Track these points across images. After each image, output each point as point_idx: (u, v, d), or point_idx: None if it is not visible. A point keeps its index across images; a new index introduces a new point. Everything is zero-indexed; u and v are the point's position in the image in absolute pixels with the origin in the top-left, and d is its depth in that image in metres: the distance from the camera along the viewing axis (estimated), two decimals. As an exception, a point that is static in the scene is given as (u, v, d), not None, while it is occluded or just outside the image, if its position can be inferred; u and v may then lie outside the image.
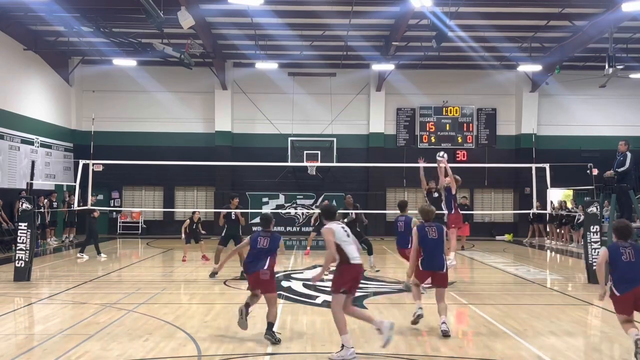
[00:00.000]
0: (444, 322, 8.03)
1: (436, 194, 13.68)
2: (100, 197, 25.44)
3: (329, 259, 7.20)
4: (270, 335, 7.61)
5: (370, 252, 14.55)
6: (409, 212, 12.13)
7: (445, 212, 12.18)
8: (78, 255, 17.17)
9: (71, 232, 22.46)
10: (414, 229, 8.77)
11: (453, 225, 12.07)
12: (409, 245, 9.89)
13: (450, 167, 12.49)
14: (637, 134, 25.99)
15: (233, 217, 13.84)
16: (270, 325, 7.69)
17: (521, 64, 24.21)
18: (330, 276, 7.60)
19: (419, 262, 8.54)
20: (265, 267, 7.83)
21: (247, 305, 8.04)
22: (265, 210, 25.32)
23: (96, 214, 17.74)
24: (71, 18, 20.27)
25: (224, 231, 13.78)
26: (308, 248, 18.70)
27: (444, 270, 8.50)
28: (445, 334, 7.93)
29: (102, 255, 17.34)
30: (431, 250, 8.48)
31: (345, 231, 7.28)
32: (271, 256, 7.96)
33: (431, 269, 8.51)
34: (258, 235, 8.10)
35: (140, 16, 18.11)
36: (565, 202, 24.15)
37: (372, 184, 26.91)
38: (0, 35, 21.08)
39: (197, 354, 7.19)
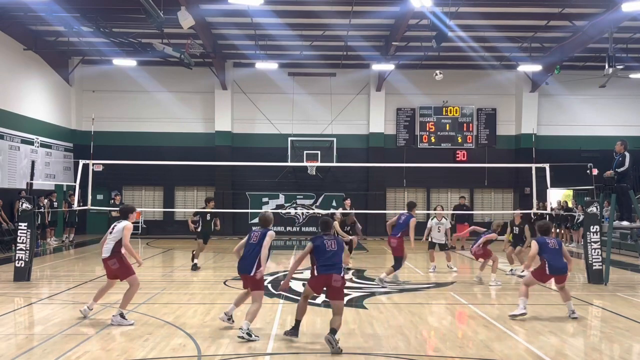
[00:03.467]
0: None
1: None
2: (100, 197, 25.47)
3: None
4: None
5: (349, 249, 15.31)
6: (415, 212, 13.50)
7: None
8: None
9: (71, 232, 22.46)
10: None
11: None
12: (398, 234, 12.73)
13: (450, 167, 12.79)
14: (637, 134, 26.01)
15: (208, 217, 15.34)
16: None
17: (521, 64, 24.21)
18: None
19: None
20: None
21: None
22: (266, 210, 25.35)
23: (114, 214, 18.03)
24: (71, 18, 20.28)
25: (200, 228, 15.25)
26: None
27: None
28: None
29: None
30: None
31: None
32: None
33: None
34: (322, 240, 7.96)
35: (140, 16, 18.12)
36: (566, 202, 24.14)
37: (372, 184, 26.91)
38: (0, 35, 21.08)
39: (197, 354, 7.19)
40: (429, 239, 15.49)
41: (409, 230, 12.84)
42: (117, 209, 18.14)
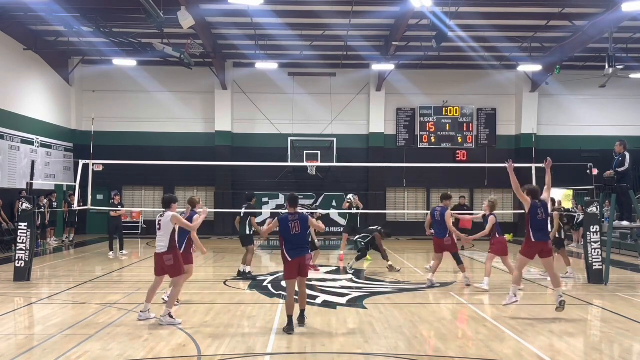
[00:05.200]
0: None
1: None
2: (100, 197, 25.47)
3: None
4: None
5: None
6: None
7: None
8: (120, 254, 17.83)
9: (71, 232, 22.46)
10: None
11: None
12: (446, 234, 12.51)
13: (450, 167, 12.80)
14: (637, 134, 26.01)
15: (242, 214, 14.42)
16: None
17: (521, 64, 24.21)
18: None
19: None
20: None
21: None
22: (266, 210, 25.38)
23: (113, 214, 18.23)
24: (71, 18, 20.28)
25: (248, 230, 13.99)
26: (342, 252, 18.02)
27: None
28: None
29: (111, 254, 17.81)
30: None
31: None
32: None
33: None
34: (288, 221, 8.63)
35: (140, 16, 18.12)
36: (560, 201, 24.07)
37: (372, 184, 26.91)
38: (0, 35, 21.08)
39: (197, 354, 7.19)
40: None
41: (447, 224, 12.44)
42: (117, 209, 18.21)
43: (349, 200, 17.45)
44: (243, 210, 13.74)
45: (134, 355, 7.08)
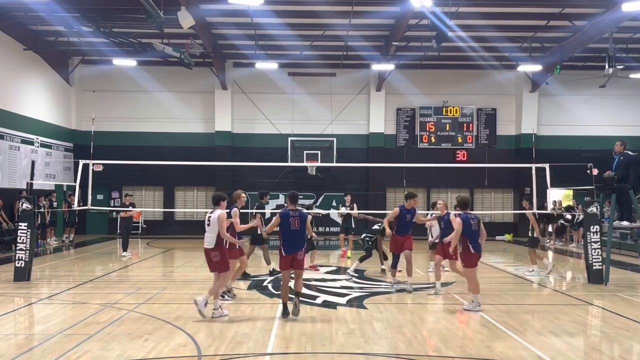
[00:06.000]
0: None
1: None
2: (100, 197, 25.49)
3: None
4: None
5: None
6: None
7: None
8: (124, 254, 17.88)
9: (71, 232, 22.47)
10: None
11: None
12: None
13: (450, 167, 12.63)
14: (637, 134, 26.01)
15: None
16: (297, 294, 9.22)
17: (521, 64, 24.21)
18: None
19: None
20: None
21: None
22: (266, 210, 25.35)
23: (123, 214, 18.34)
24: (71, 18, 20.28)
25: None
26: (344, 249, 18.35)
27: None
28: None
29: (125, 253, 17.92)
30: None
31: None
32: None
33: None
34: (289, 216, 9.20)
35: (140, 16, 18.11)
36: (560, 201, 24.12)
37: (372, 184, 26.92)
38: (0, 35, 21.08)
39: (197, 354, 7.19)
40: (430, 237, 14.92)
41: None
42: (128, 209, 18.22)
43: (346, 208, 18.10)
44: (255, 211, 13.73)
45: (134, 355, 7.08)
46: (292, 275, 9.54)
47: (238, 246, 10.45)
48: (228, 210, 9.98)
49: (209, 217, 9.27)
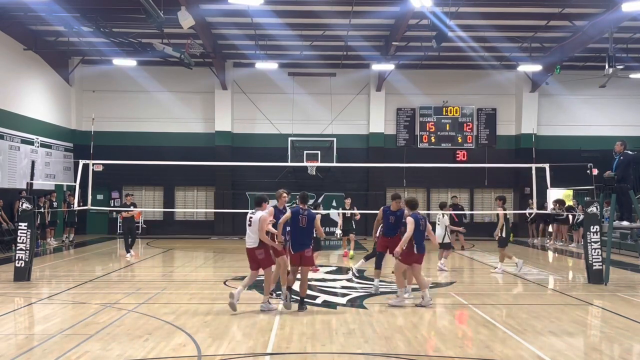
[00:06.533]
0: None
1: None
2: (100, 197, 25.49)
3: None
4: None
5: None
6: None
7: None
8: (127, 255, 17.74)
9: (71, 232, 22.47)
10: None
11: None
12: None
13: (450, 167, 12.58)
14: (637, 134, 26.02)
15: None
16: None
17: (521, 64, 24.21)
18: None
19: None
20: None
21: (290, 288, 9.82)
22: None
23: (124, 214, 18.29)
24: (71, 18, 20.27)
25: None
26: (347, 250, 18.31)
27: None
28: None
29: (128, 255, 17.72)
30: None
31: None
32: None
33: None
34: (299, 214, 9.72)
35: (140, 16, 18.11)
36: (564, 200, 24.11)
37: (372, 184, 26.91)
38: (0, 35, 21.08)
39: (197, 354, 7.19)
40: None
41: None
42: (129, 209, 18.21)
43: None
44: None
45: (134, 355, 7.08)
46: (298, 276, 9.99)
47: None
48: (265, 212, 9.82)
49: (250, 217, 9.54)
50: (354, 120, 27.19)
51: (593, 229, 12.86)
